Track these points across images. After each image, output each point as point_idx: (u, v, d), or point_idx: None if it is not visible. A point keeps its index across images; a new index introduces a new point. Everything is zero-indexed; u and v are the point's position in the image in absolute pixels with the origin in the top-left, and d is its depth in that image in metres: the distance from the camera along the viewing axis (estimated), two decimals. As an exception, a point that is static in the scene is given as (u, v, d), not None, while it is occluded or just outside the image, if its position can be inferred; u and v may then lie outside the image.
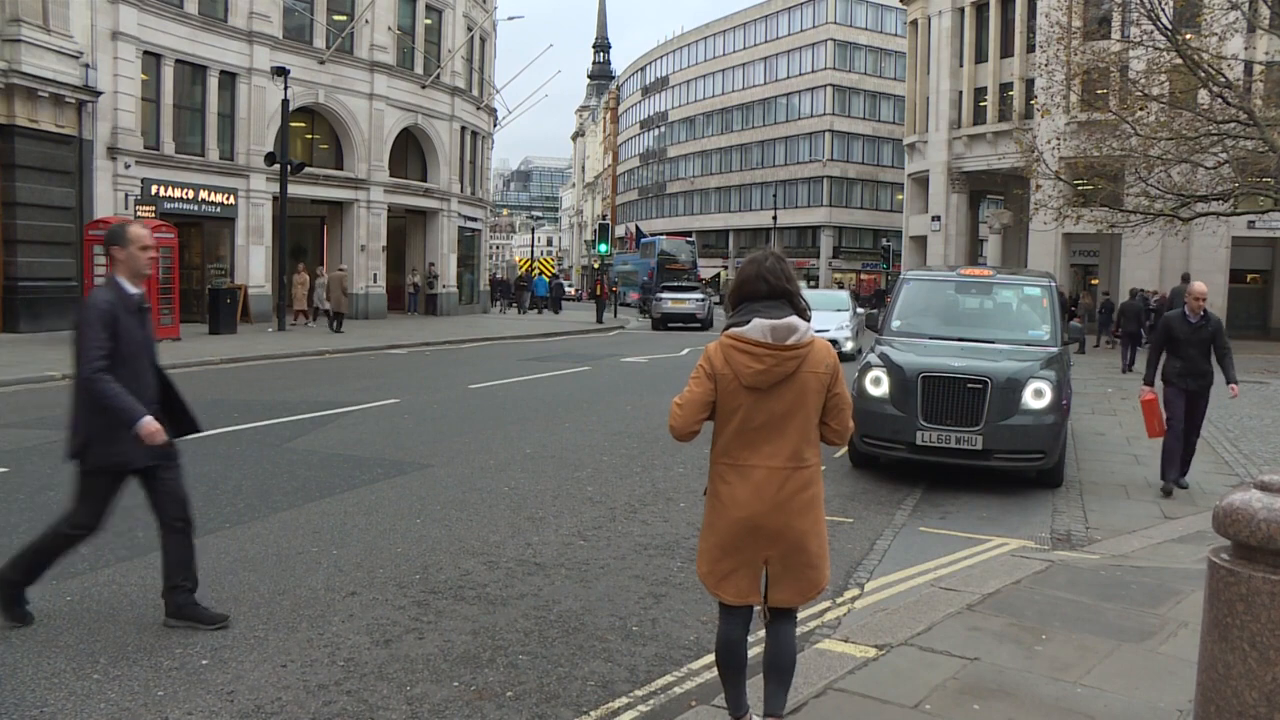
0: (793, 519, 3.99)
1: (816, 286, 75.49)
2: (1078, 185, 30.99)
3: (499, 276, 58.28)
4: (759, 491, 3.94)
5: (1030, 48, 42.98)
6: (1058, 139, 29.52)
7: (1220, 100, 25.03)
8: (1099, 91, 28.99)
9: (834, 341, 28.87)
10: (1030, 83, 42.29)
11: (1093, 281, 43.99)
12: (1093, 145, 28.85)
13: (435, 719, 4.60)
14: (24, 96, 23.52)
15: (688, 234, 68.33)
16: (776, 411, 3.94)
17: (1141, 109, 26.63)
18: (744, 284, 4.07)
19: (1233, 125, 25.14)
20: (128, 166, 27.44)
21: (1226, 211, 29.03)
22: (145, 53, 28.12)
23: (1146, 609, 6.09)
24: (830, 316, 26.57)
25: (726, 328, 4.02)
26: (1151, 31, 25.17)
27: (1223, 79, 24.72)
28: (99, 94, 26.06)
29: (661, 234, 65.04)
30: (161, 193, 28.85)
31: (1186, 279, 30.25)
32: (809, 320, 4.01)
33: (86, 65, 25.67)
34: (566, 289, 71.92)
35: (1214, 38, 25.34)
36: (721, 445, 4.02)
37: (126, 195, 27.47)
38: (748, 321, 3.93)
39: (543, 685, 5.02)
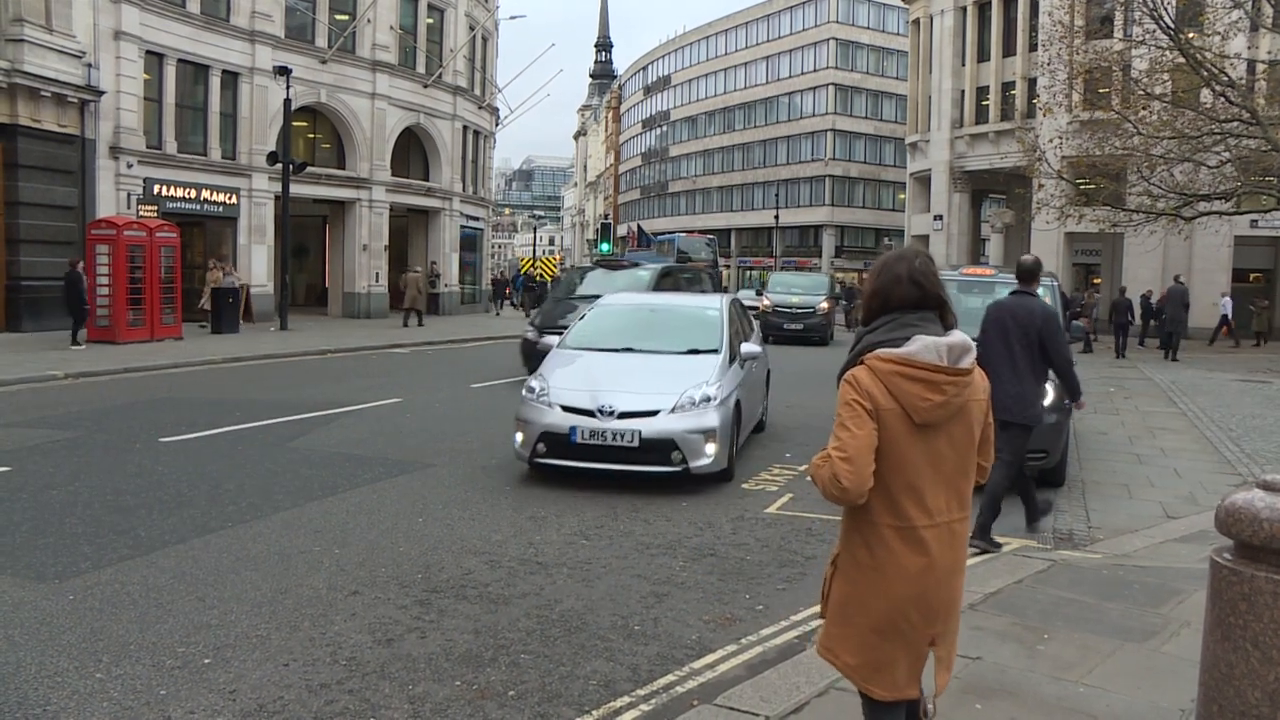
0: (957, 583, 3.24)
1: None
2: (1080, 184, 30.98)
3: (499, 276, 57.70)
4: (933, 558, 3.11)
5: (1033, 47, 42.96)
6: (1060, 138, 29.51)
7: (1223, 99, 25.04)
8: (1101, 90, 28.99)
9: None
10: (1032, 82, 42.25)
11: (1094, 280, 43.95)
12: (1095, 144, 28.85)
13: (437, 718, 4.61)
14: (26, 96, 23.53)
15: (704, 232, 67.57)
16: (945, 453, 3.13)
17: (1144, 108, 26.64)
18: (889, 289, 3.21)
19: (1235, 124, 25.14)
20: (130, 166, 27.43)
21: (1229, 211, 29.04)
22: (148, 52, 28.11)
23: (1149, 609, 6.08)
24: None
25: (867, 347, 3.16)
26: (1154, 30, 25.18)
27: (1225, 78, 24.72)
28: (101, 93, 26.06)
29: (679, 232, 64.41)
30: (164, 192, 28.84)
31: (1179, 280, 30.37)
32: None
33: (89, 65, 25.66)
34: None
35: (1217, 37, 25.34)
36: (884, 501, 3.10)
37: (129, 195, 27.48)
38: (905, 339, 3.10)
39: (545, 684, 5.02)
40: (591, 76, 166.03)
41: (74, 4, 25.20)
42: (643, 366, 9.99)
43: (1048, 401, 9.62)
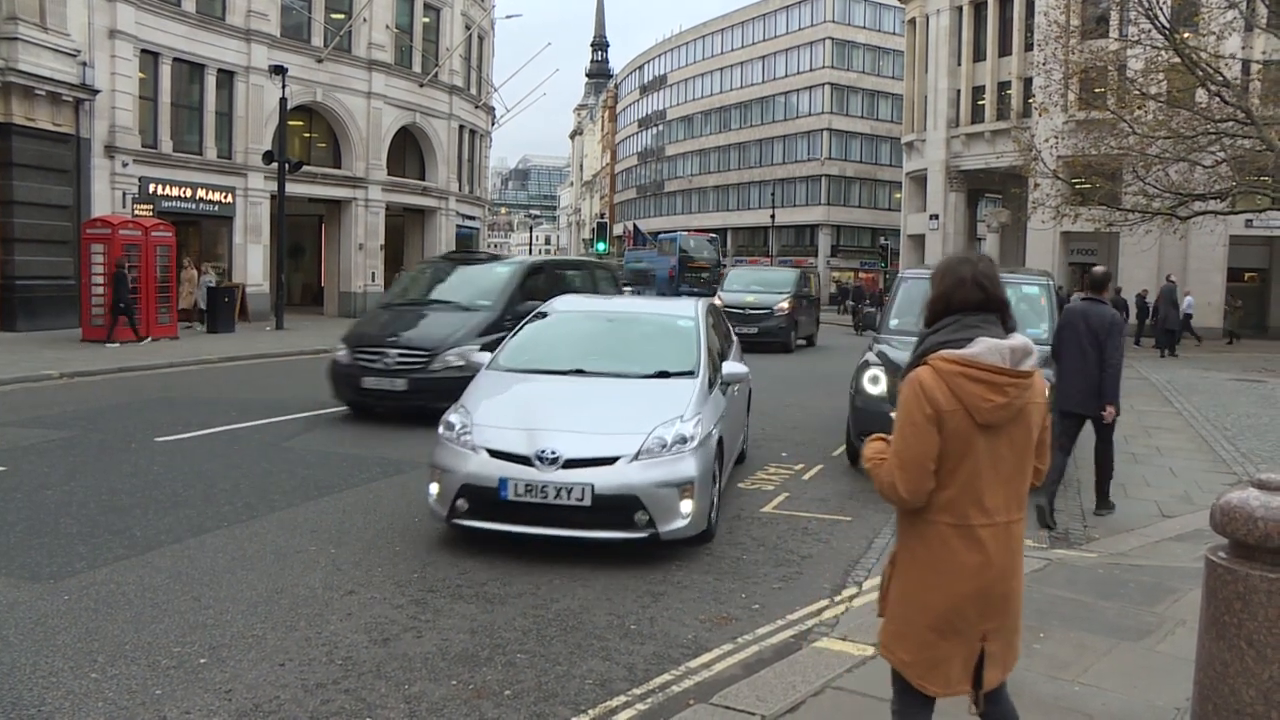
0: (1015, 582, 3.26)
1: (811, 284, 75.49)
2: (1076, 184, 31.04)
3: None
4: (989, 556, 3.16)
5: (1028, 46, 42.97)
6: (1056, 138, 29.57)
7: (1218, 99, 25.08)
8: (1097, 90, 29.00)
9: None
10: (1028, 81, 42.28)
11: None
12: (1091, 144, 28.90)
13: (433, 717, 4.60)
14: (21, 95, 23.48)
15: (701, 231, 67.08)
16: (1005, 453, 3.17)
17: (1139, 108, 26.67)
18: (953, 291, 3.26)
19: (1230, 124, 25.18)
20: (125, 165, 27.38)
21: (1224, 210, 29.09)
22: (143, 51, 28.06)
23: (1144, 607, 6.10)
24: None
25: (931, 347, 3.22)
26: (1149, 30, 25.20)
27: (1220, 78, 24.75)
28: (96, 92, 26.02)
29: (679, 231, 63.86)
30: (159, 191, 28.79)
31: (1170, 280, 30.48)
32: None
33: (84, 63, 25.61)
34: None
35: (1212, 36, 25.38)
36: (944, 499, 3.15)
37: (124, 194, 27.42)
38: (968, 340, 3.15)
39: (541, 684, 5.02)
40: (588, 76, 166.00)
41: (68, 2, 25.14)
42: (597, 396, 7.81)
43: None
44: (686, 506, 6.95)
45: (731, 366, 8.94)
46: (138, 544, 7.13)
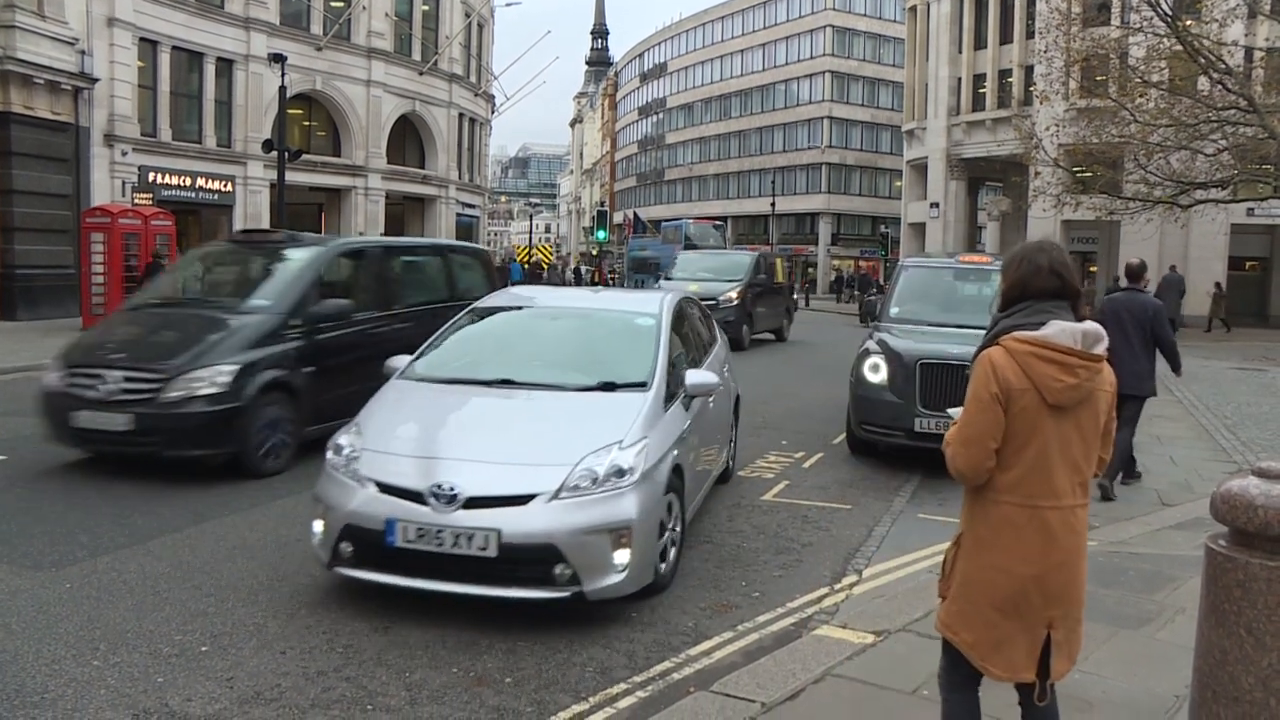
0: (1079, 569, 3.30)
1: (814, 273, 75.34)
2: (1076, 172, 31.00)
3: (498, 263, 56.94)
4: (1054, 538, 3.20)
5: (1030, 34, 42.89)
6: (1057, 126, 29.52)
7: (1220, 87, 25.03)
8: (1098, 78, 28.95)
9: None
10: (1029, 69, 42.20)
11: (1090, 269, 43.96)
12: (1092, 132, 28.86)
13: (434, 705, 4.62)
14: (19, 83, 23.41)
15: (707, 219, 66.21)
16: (1072, 436, 3.22)
17: (1141, 95, 26.62)
18: (1031, 278, 3.31)
19: (1233, 112, 25.14)
20: (124, 154, 27.34)
21: (1226, 199, 29.07)
22: (141, 39, 28.00)
23: (1144, 595, 6.11)
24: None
25: (1004, 330, 3.29)
26: (1151, 18, 25.14)
27: (1223, 65, 24.70)
28: (95, 81, 25.95)
29: (684, 219, 63.08)
30: (158, 180, 28.76)
31: (1174, 269, 30.48)
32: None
33: (82, 52, 25.54)
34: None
35: (1214, 24, 25.31)
36: (1010, 479, 3.21)
37: (123, 182, 27.39)
38: (1041, 323, 3.21)
39: (541, 671, 5.03)
40: (588, 64, 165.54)
41: (67, -10, 25.08)
42: (522, 414, 6.41)
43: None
44: (621, 557, 5.51)
45: (698, 376, 7.11)
46: (139, 532, 7.13)
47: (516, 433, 6.19)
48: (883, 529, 7.93)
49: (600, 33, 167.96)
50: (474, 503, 5.46)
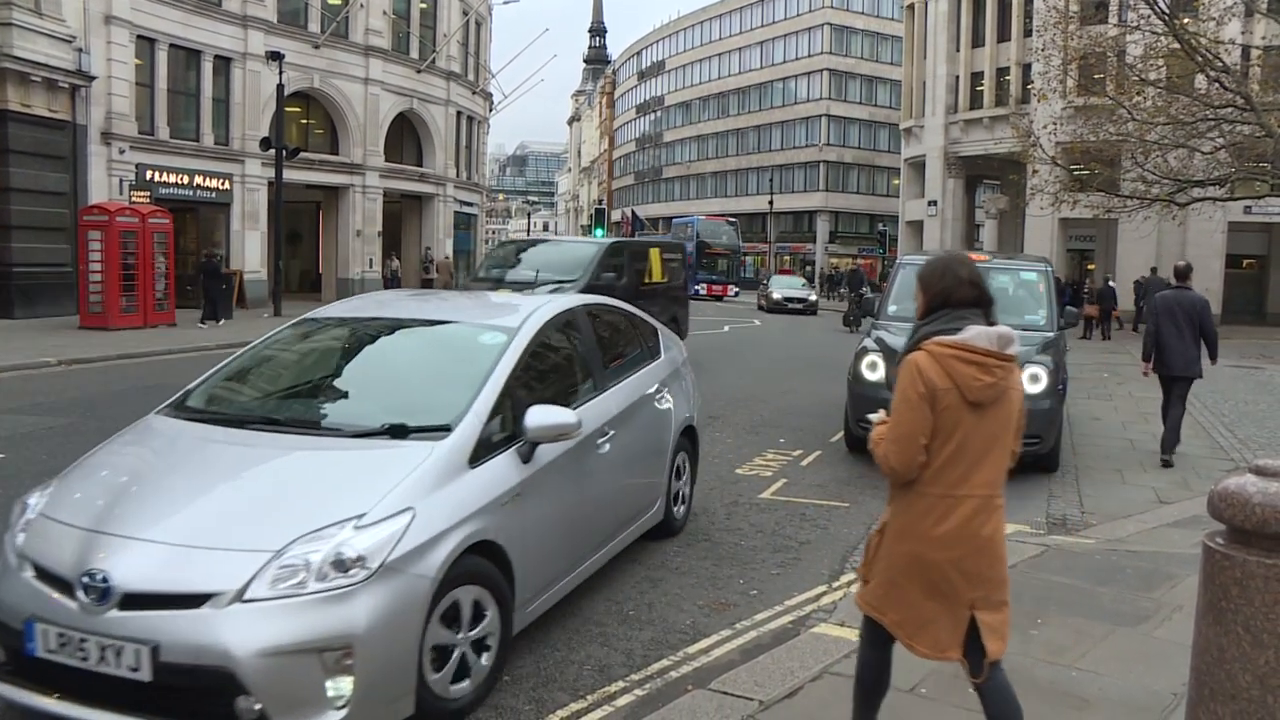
0: (999, 554, 3.57)
1: (812, 270, 75.28)
2: (1074, 170, 31.01)
3: None
4: (974, 525, 3.47)
5: (1027, 32, 42.88)
6: (1054, 124, 29.53)
7: (1217, 85, 25.04)
8: (1096, 76, 28.94)
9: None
10: (1027, 67, 42.19)
11: (1089, 266, 44.01)
12: (1089, 130, 28.87)
13: (432, 703, 4.61)
14: (16, 81, 23.37)
15: (724, 216, 65.34)
16: (989, 432, 3.51)
17: (1138, 94, 26.63)
18: (954, 289, 3.62)
19: (1230, 110, 25.15)
20: (122, 152, 27.30)
21: (1223, 197, 29.09)
22: (139, 37, 27.93)
23: (1141, 593, 6.11)
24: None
25: (925, 336, 3.57)
26: (1149, 16, 25.13)
27: (1220, 63, 24.71)
28: (93, 78, 25.90)
29: (699, 215, 62.10)
30: (156, 178, 28.71)
31: (1155, 271, 30.75)
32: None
33: (80, 49, 25.48)
34: None
35: (1212, 22, 25.32)
36: (933, 471, 3.48)
37: (121, 180, 27.35)
38: (957, 329, 3.51)
39: (539, 669, 5.03)
40: (585, 62, 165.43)
41: (64, -12, 25.05)
42: (251, 470, 4.79)
43: (1041, 388, 9.68)
44: (339, 687, 3.93)
45: (544, 415, 5.12)
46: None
47: (226, 498, 4.55)
48: (880, 527, 7.93)
49: (598, 31, 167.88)
50: (132, 601, 3.93)
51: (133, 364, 17.19)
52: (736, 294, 53.69)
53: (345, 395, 5.69)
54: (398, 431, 4.87)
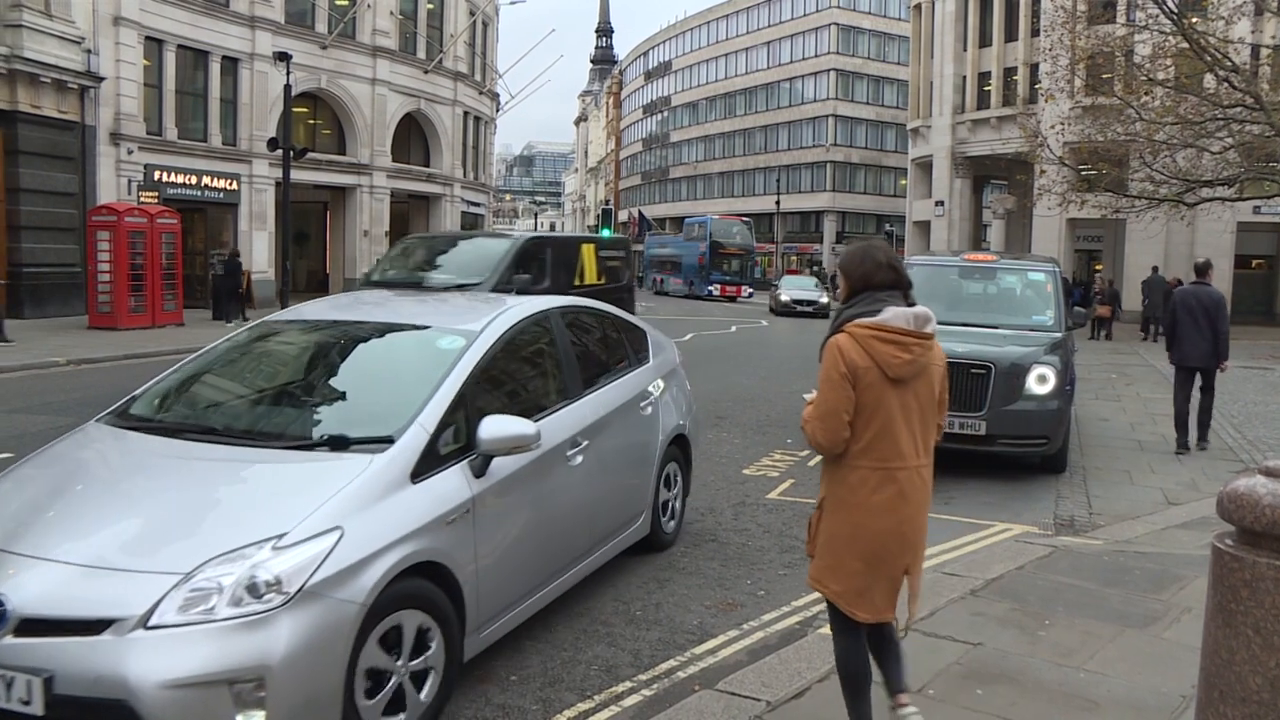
0: (925, 520, 3.83)
1: (820, 270, 75.26)
2: (1082, 170, 30.90)
3: None
4: (904, 494, 3.70)
5: (1035, 32, 42.82)
6: (1062, 124, 29.41)
7: (1227, 84, 24.92)
8: (1104, 76, 28.87)
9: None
10: (1035, 67, 42.12)
11: (1096, 266, 43.90)
12: (1097, 130, 28.76)
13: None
14: (26, 82, 23.45)
15: (742, 216, 64.69)
16: (912, 405, 3.72)
17: (1146, 94, 26.52)
18: (873, 273, 3.80)
19: (1239, 109, 25.04)
20: (130, 152, 27.39)
21: (1232, 196, 28.96)
22: (147, 38, 28.03)
23: (1150, 594, 6.09)
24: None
25: (847, 319, 3.75)
26: (1157, 15, 25.04)
27: (1229, 63, 24.60)
28: (101, 79, 25.99)
29: (711, 214, 61.56)
30: (164, 178, 28.79)
31: (1156, 270, 30.78)
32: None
33: (88, 51, 25.57)
34: None
35: (1221, 21, 25.20)
36: (863, 446, 3.68)
37: (129, 181, 27.43)
38: (877, 311, 3.70)
39: (546, 669, 5.03)
40: (592, 62, 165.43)
41: (73, -11, 25.13)
42: (177, 483, 4.42)
43: (1049, 388, 9.66)
44: None
45: (500, 426, 4.76)
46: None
47: (144, 515, 4.20)
48: (888, 528, 7.92)
49: (605, 31, 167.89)
50: (29, 627, 3.64)
51: (141, 364, 17.22)
52: (750, 295, 53.47)
53: (292, 404, 5.34)
54: (337, 443, 4.60)
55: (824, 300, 42.10)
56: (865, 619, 3.77)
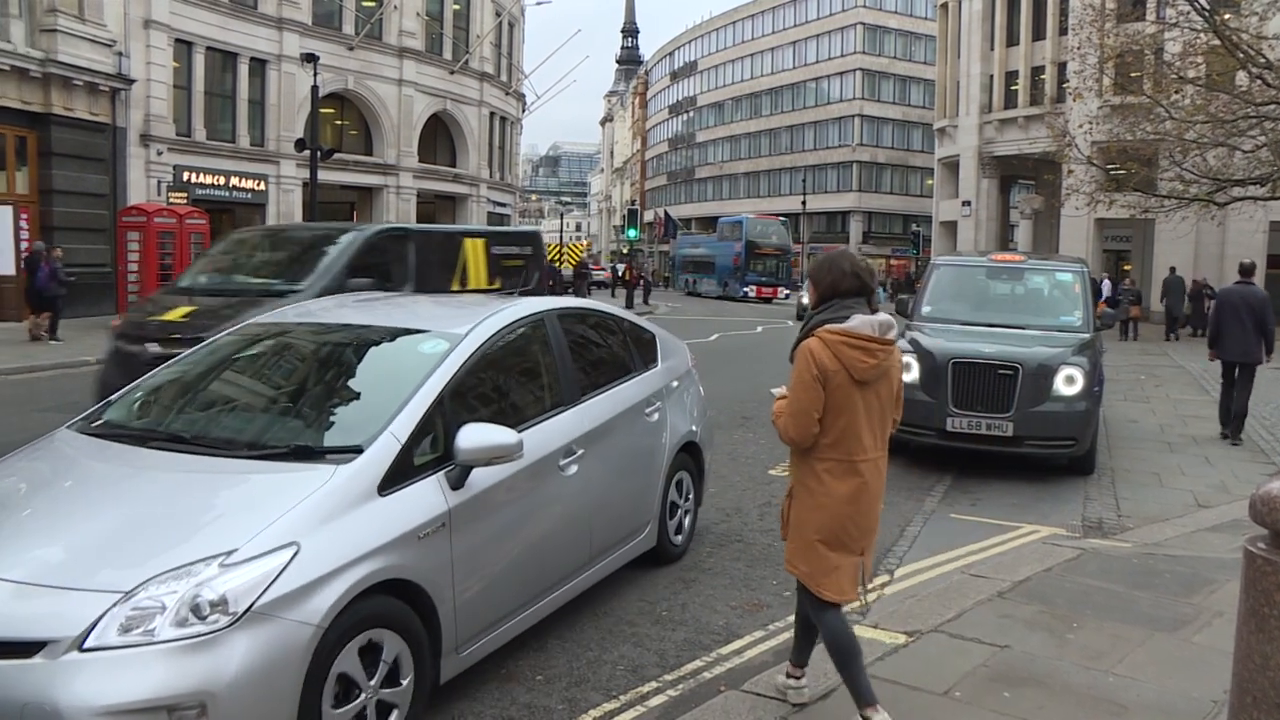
0: (880, 507, 4.28)
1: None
2: (1110, 170, 30.65)
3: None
4: (866, 483, 4.09)
5: (1063, 30, 42.46)
6: (1090, 123, 29.18)
7: (1259, 82, 24.65)
8: (1133, 74, 28.60)
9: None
10: (1062, 66, 41.78)
11: (1125, 266, 43.52)
12: (1126, 129, 28.50)
13: (466, 701, 4.64)
14: (59, 85, 23.70)
15: (781, 215, 63.73)
16: (874, 404, 4.10)
17: (1177, 92, 26.26)
18: (839, 281, 4.13)
19: (1272, 107, 24.75)
20: (160, 153, 27.64)
21: (1264, 196, 28.62)
22: (177, 40, 28.30)
23: (1180, 598, 6.04)
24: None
25: (818, 324, 4.09)
26: (1188, 12, 24.80)
27: (1263, 60, 24.32)
28: (132, 82, 26.24)
29: (747, 216, 60.79)
30: (193, 179, 29.06)
31: (1174, 270, 30.64)
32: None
33: (120, 53, 25.82)
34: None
35: (1254, 17, 24.92)
36: (830, 441, 4.06)
37: (159, 182, 27.69)
38: (845, 318, 4.05)
39: (572, 669, 5.04)
40: (618, 62, 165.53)
41: (105, -7, 25.41)
42: (129, 493, 4.21)
43: (1077, 389, 9.60)
44: None
45: (479, 435, 4.51)
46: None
47: (93, 528, 3.94)
48: (914, 529, 7.89)
49: (630, 31, 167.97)
50: None
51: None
52: (787, 296, 53.08)
53: (264, 411, 5.08)
54: (303, 453, 4.35)
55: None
56: (831, 599, 4.11)
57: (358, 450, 4.25)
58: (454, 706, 4.59)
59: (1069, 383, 9.63)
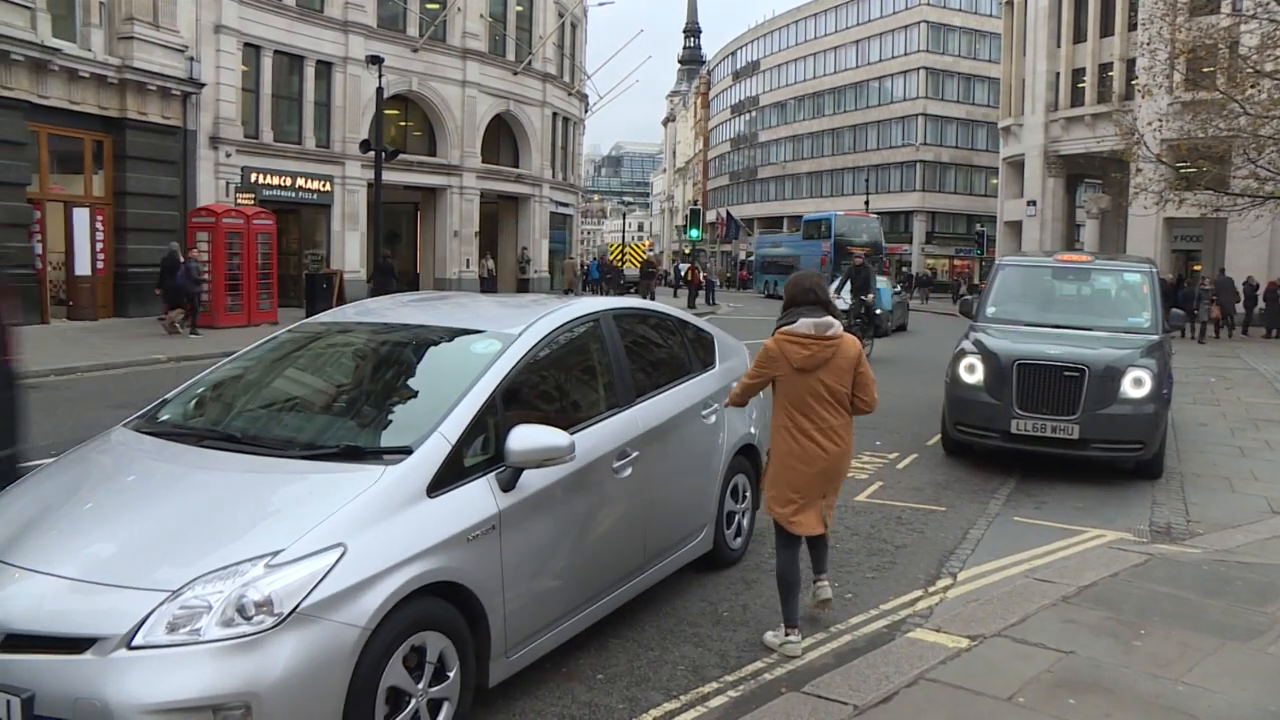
0: (845, 461, 5.48)
1: (909, 271, 74.23)
2: (1180, 168, 30.04)
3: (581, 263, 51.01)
4: (823, 447, 5.28)
5: (1132, 26, 41.73)
6: (1159, 120, 28.61)
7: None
8: (1205, 70, 28.00)
9: None
10: (1131, 63, 41.04)
11: (1194, 267, 42.61)
12: (1197, 126, 27.90)
13: (527, 699, 4.68)
14: (134, 90, 24.29)
15: (865, 213, 61.97)
16: (819, 386, 5.26)
17: (1253, 86, 25.64)
18: (798, 296, 5.45)
19: (1353, 102, 24.11)
20: (228, 155, 28.16)
21: (1345, 193, 27.90)
22: (245, 44, 28.80)
23: (1253, 606, 5.91)
24: None
25: (778, 326, 5.39)
26: (1267, 3, 24.20)
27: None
28: (202, 86, 26.79)
29: (836, 212, 57.99)
30: (260, 180, 29.54)
31: (1223, 271, 30.03)
32: (840, 320, 5.38)
33: (191, 59, 26.37)
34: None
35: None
36: (787, 415, 5.31)
37: (227, 183, 28.21)
38: (793, 321, 5.31)
39: (633, 668, 5.07)
40: (680, 62, 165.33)
41: (178, 0, 25.96)
42: (180, 493, 4.21)
43: (1145, 392, 9.43)
44: None
45: (529, 436, 4.44)
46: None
47: (144, 526, 3.97)
48: (978, 532, 7.81)
49: (693, 31, 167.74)
50: (14, 642, 3.49)
51: (239, 362, 17.71)
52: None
53: (317, 411, 5.10)
54: (353, 453, 4.34)
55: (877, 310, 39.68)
56: (803, 531, 5.35)
57: (407, 451, 4.24)
58: (515, 704, 4.63)
59: (1137, 385, 9.47)
